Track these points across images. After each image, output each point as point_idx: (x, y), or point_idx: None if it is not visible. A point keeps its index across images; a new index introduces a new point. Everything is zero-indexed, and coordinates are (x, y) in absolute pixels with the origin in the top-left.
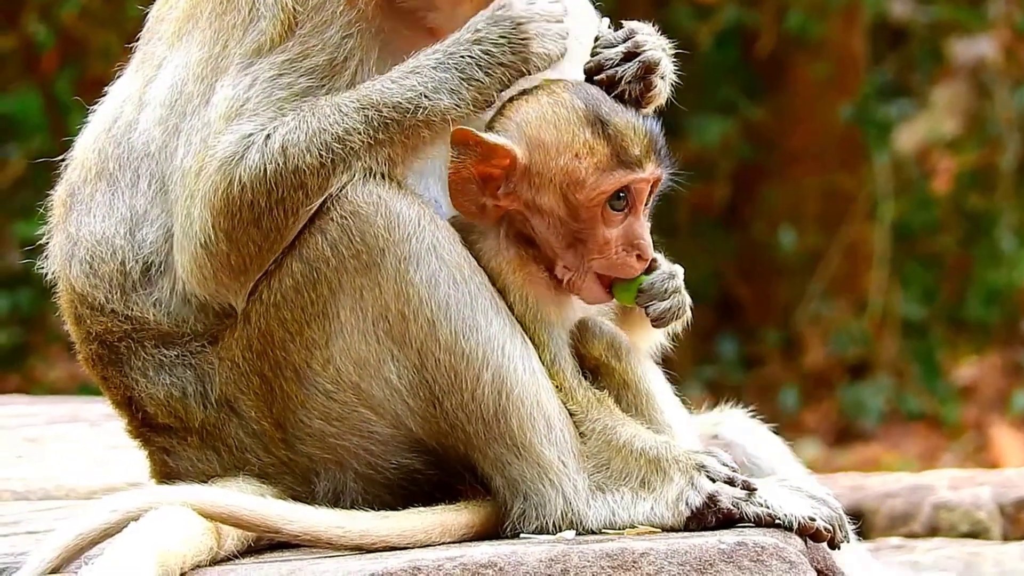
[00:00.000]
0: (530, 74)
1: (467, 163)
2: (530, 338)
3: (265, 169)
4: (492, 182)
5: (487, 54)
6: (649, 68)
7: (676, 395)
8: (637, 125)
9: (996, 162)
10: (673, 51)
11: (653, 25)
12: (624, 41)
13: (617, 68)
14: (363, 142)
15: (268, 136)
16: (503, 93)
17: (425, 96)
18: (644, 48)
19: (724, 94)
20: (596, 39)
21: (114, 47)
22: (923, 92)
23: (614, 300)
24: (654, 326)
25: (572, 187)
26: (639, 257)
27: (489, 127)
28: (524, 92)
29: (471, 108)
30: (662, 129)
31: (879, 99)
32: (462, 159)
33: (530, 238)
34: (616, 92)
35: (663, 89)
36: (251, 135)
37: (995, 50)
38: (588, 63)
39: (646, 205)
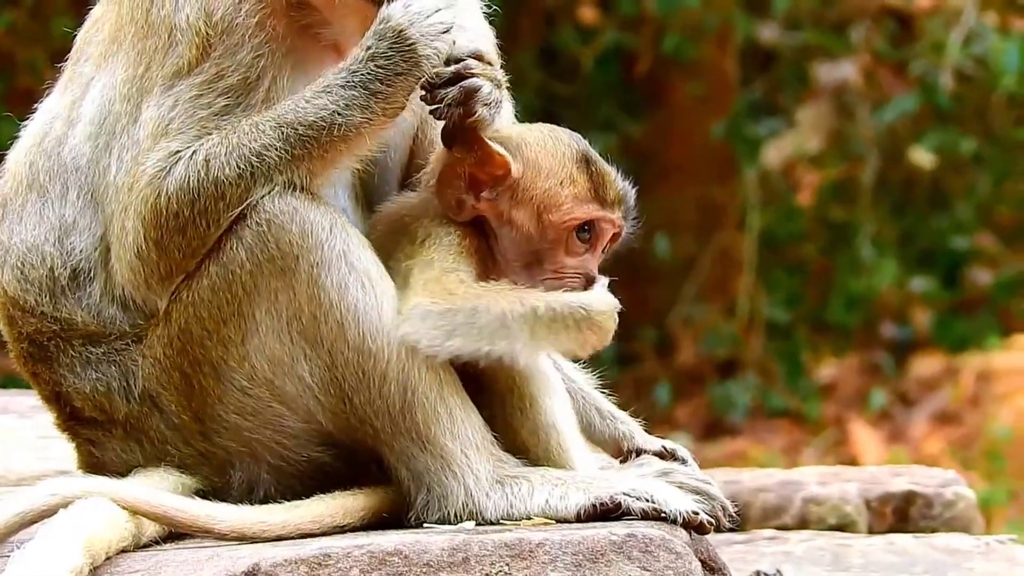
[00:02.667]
0: (426, 75)
1: (465, 161)
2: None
3: (189, 180)
4: (479, 184)
5: (382, 68)
6: (469, 95)
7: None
8: (616, 178)
9: (857, 177)
10: (557, 72)
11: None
12: (456, 63)
13: (440, 89)
14: (280, 157)
15: (194, 152)
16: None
17: (338, 114)
18: (471, 73)
19: (605, 112)
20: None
21: (40, 62)
22: (790, 111)
23: None
24: None
25: (549, 208)
26: (585, 286)
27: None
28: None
29: (381, 118)
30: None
31: (749, 117)
32: (461, 157)
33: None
34: (438, 112)
35: (487, 116)
36: (178, 152)
37: (856, 73)
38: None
39: (603, 250)
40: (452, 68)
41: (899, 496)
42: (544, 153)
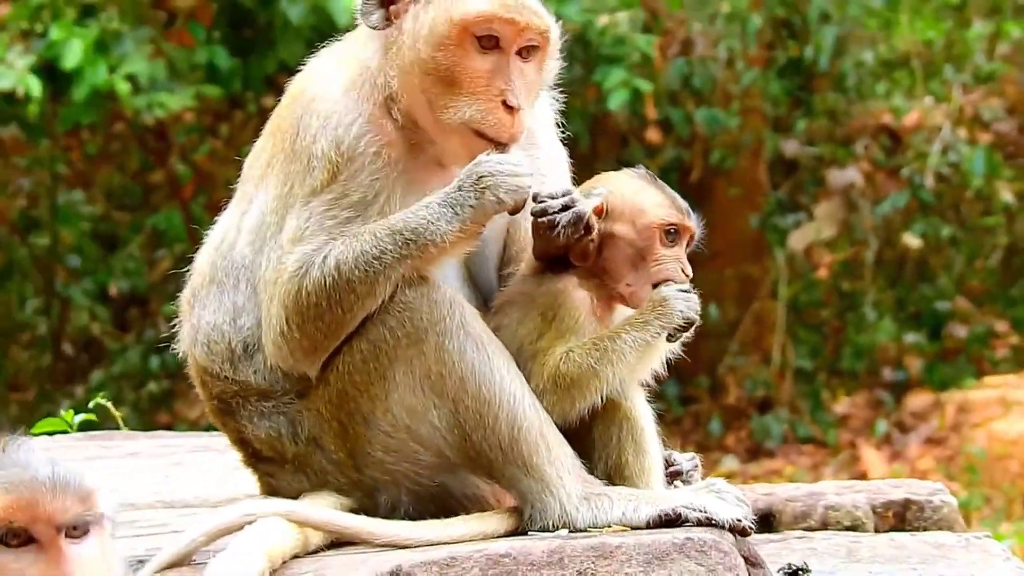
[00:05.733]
0: (496, 211)
1: None
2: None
3: (324, 282)
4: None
5: (469, 198)
6: (579, 218)
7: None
8: (677, 195)
9: (861, 256)
10: None
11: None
12: (563, 196)
13: (556, 215)
14: (393, 257)
15: (325, 257)
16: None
17: (431, 223)
18: (577, 203)
19: None
20: (535, 196)
21: (234, 179)
22: (809, 207)
23: None
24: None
25: (638, 214)
26: (683, 272)
27: (585, 195)
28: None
29: (460, 235)
30: None
31: (777, 212)
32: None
33: (598, 274)
34: (554, 232)
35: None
36: (311, 254)
37: (860, 177)
38: (535, 207)
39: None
40: (561, 199)
41: (898, 503)
42: (623, 184)
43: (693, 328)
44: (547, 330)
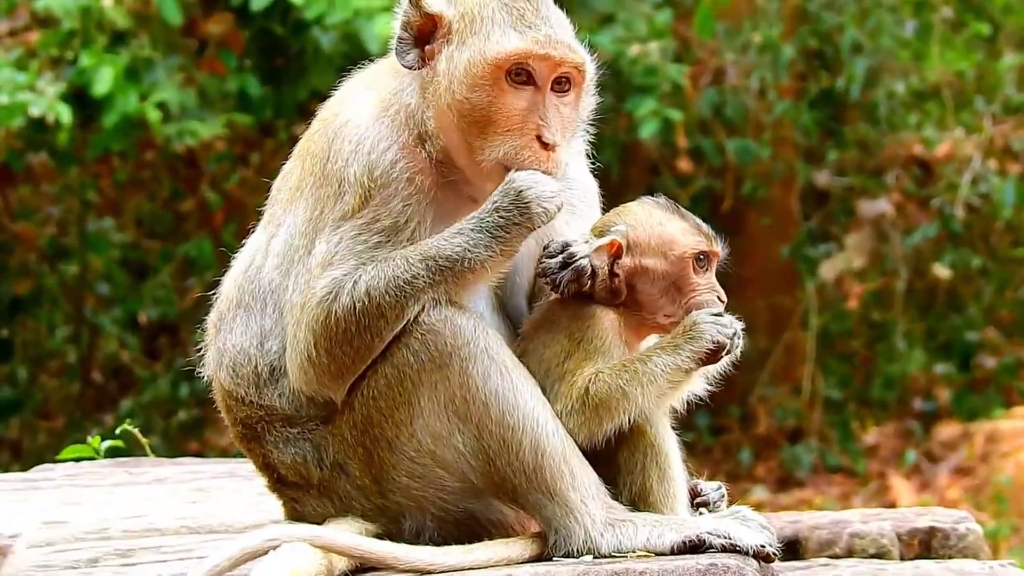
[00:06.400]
0: (536, 227)
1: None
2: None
3: (354, 307)
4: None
5: (503, 217)
6: (580, 273)
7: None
8: (700, 220)
9: (892, 287)
10: None
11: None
12: (561, 253)
13: (556, 274)
14: (425, 283)
15: (355, 282)
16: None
17: (468, 250)
18: (575, 258)
19: None
20: (545, 247)
21: (264, 207)
22: (840, 238)
23: None
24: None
25: (668, 246)
26: (719, 298)
27: (602, 231)
28: (623, 206)
29: (500, 257)
30: None
31: (808, 242)
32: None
33: (632, 308)
34: (558, 291)
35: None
36: (341, 279)
37: (890, 207)
38: (538, 268)
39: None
40: (559, 257)
41: (923, 531)
42: (645, 216)
43: (735, 351)
44: (575, 351)
